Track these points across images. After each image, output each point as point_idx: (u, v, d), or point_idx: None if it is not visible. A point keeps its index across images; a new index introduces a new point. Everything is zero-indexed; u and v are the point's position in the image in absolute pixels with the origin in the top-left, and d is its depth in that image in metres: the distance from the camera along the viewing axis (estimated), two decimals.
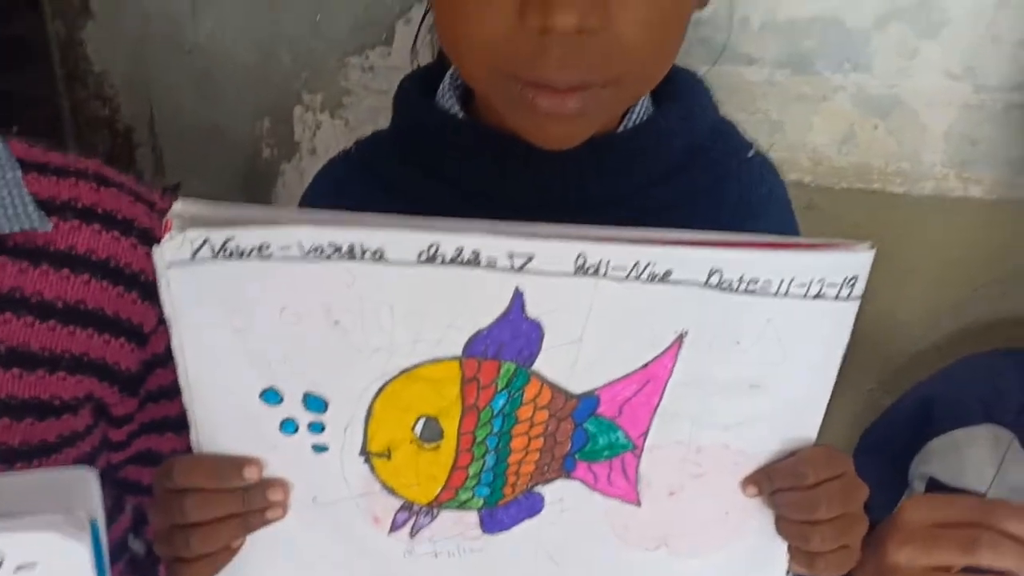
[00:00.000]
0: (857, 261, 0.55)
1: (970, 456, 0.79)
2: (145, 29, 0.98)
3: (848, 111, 0.97)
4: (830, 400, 1.02)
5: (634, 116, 0.70)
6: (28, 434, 0.69)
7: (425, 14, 0.80)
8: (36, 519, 0.52)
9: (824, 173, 0.99)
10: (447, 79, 0.72)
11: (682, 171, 0.71)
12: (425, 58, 0.86)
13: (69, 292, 0.70)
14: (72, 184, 0.71)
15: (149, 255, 0.72)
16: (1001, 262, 1.01)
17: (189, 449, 0.77)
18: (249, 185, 1.06)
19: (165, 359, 0.75)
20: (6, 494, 0.54)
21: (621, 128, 0.69)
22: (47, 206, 0.69)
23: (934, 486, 0.84)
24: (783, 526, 0.63)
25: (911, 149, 0.97)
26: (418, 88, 0.74)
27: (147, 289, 0.73)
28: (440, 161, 0.70)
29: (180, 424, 0.83)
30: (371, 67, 0.98)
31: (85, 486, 0.55)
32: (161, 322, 0.74)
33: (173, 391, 0.80)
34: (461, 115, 0.70)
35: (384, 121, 1.02)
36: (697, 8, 0.66)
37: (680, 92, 0.71)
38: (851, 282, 0.56)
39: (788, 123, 0.98)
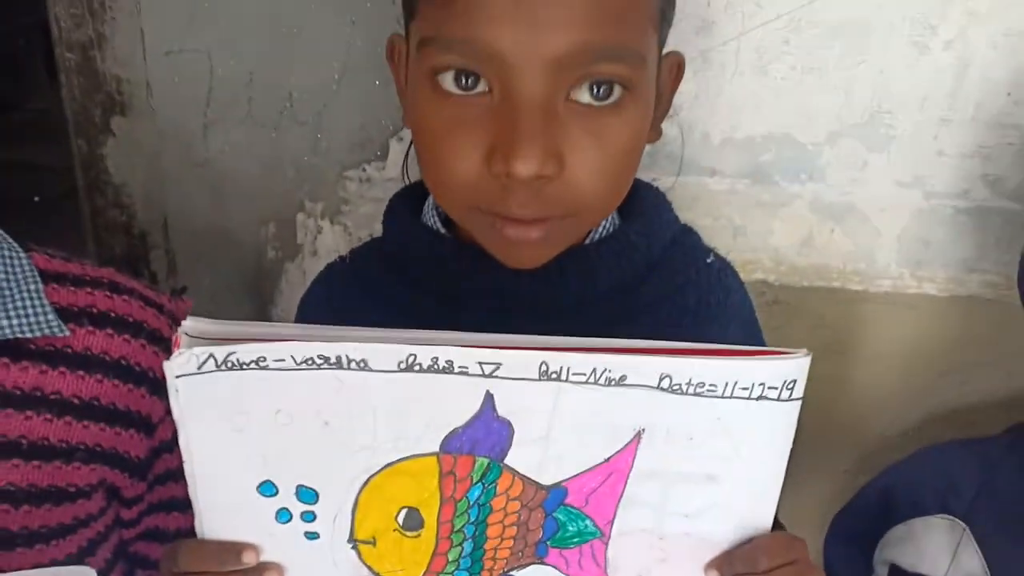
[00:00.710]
0: (795, 367, 0.59)
1: (927, 545, 0.82)
2: (161, 146, 1.03)
3: (806, 216, 1.00)
4: (809, 481, 1.05)
5: (600, 230, 0.74)
6: (47, 518, 0.74)
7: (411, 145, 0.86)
8: None
9: (786, 272, 1.02)
10: (430, 200, 0.77)
11: (645, 279, 0.74)
12: (414, 172, 0.92)
13: (84, 390, 0.75)
14: (88, 293, 0.77)
15: (157, 354, 0.78)
16: (958, 353, 1.04)
17: (193, 527, 0.80)
18: (255, 284, 1.10)
19: (171, 445, 0.80)
20: None
21: (588, 241, 0.73)
22: (65, 313, 0.74)
23: (895, 572, 0.86)
24: None
25: (866, 251, 1.00)
26: (406, 206, 0.78)
27: (154, 384, 0.78)
28: (425, 272, 0.74)
29: (185, 504, 0.86)
30: (367, 179, 1.03)
31: None
32: (167, 413, 0.77)
33: (178, 474, 0.84)
34: (443, 231, 0.75)
35: (379, 226, 1.07)
36: (650, 142, 0.71)
37: (643, 207, 0.75)
38: (790, 385, 0.59)
39: (750, 228, 1.01)
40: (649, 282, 0.74)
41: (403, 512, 0.62)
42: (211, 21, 0.98)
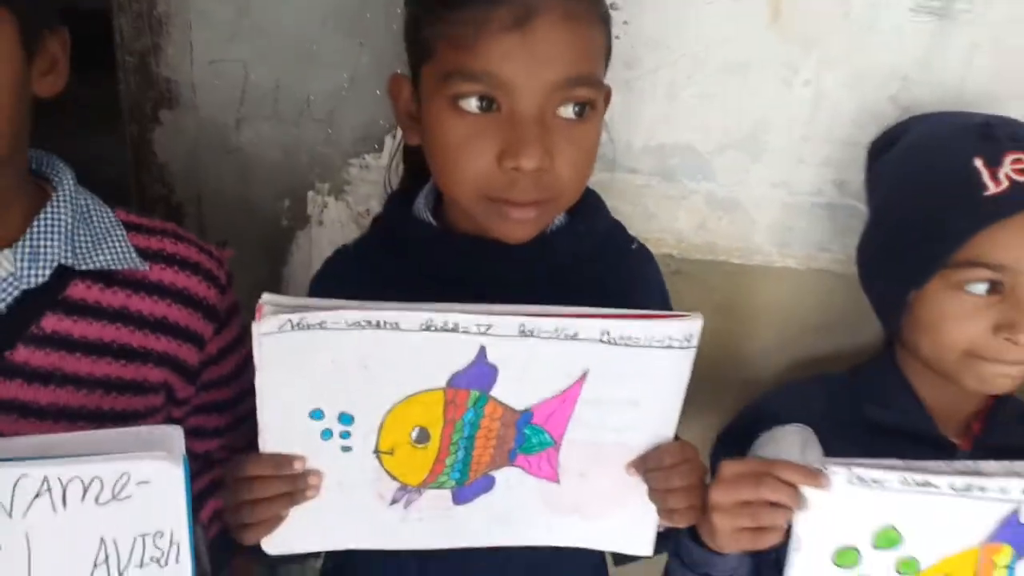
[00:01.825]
0: (692, 325, 0.69)
1: (782, 443, 0.84)
2: (200, 135, 1.05)
3: (701, 207, 1.05)
4: (704, 413, 1.11)
5: (554, 224, 0.81)
6: (127, 404, 0.80)
7: (397, 146, 0.89)
8: (150, 453, 0.63)
9: (686, 249, 1.07)
10: (421, 196, 0.82)
11: (588, 260, 0.82)
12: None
13: (157, 311, 0.81)
14: (158, 239, 0.83)
15: (209, 287, 0.84)
16: (815, 314, 1.09)
17: (227, 425, 0.82)
18: (271, 247, 1.12)
19: (215, 360, 0.87)
20: (125, 439, 0.65)
21: (547, 232, 0.80)
22: (143, 253, 0.81)
23: None
24: (651, 494, 0.75)
25: (746, 234, 1.06)
26: (401, 201, 0.84)
27: (207, 311, 0.84)
28: (418, 257, 0.80)
29: (223, 406, 0.90)
30: (366, 166, 1.06)
31: (177, 436, 0.65)
32: (215, 333, 0.85)
33: (220, 383, 0.89)
34: (433, 223, 0.81)
35: (375, 203, 1.10)
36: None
37: (585, 204, 0.83)
38: (689, 338, 0.69)
39: (660, 215, 1.06)
40: (592, 263, 0.82)
41: (416, 430, 0.70)
42: (248, 38, 1.01)
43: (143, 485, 0.63)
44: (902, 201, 0.86)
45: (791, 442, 0.82)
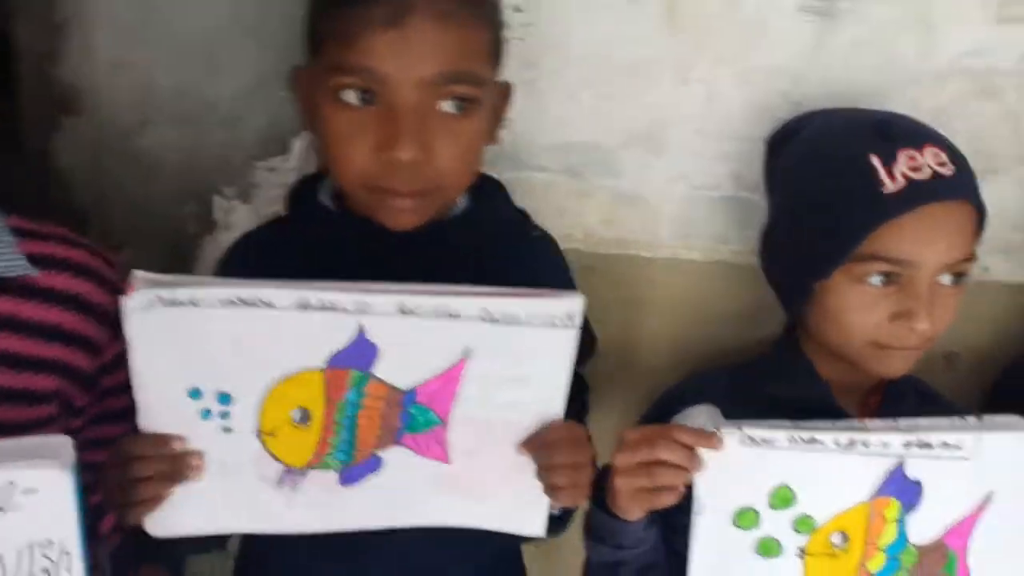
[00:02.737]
0: (573, 304, 0.71)
1: (690, 422, 0.86)
2: (102, 137, 1.06)
3: (608, 202, 1.08)
4: (614, 404, 1.14)
5: (455, 210, 0.85)
6: (18, 415, 0.80)
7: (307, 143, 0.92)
8: (37, 460, 0.64)
9: (594, 244, 1.10)
10: (324, 186, 0.85)
11: (487, 245, 0.84)
12: (310, 167, 0.98)
13: (49, 317, 0.81)
14: (51, 244, 0.83)
15: (104, 293, 0.84)
16: (718, 305, 1.12)
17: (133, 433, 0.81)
18: (177, 252, 1.12)
19: (112, 366, 0.86)
20: (12, 450, 0.65)
21: (447, 218, 0.84)
22: (35, 259, 0.81)
23: None
24: (538, 472, 0.76)
25: (651, 228, 1.09)
26: (304, 189, 0.87)
27: (101, 316, 0.84)
28: (318, 242, 0.82)
29: (123, 416, 0.87)
30: (272, 168, 1.07)
31: (66, 445, 0.66)
32: (111, 339, 0.84)
33: (119, 391, 0.87)
34: (333, 209, 0.84)
35: (279, 206, 1.11)
36: (491, 144, 0.83)
37: (486, 193, 0.87)
38: (571, 317, 0.71)
39: (568, 210, 1.08)
40: (493, 250, 0.84)
41: (297, 411, 0.72)
42: (151, 41, 1.02)
43: (30, 494, 0.64)
44: (803, 197, 0.90)
45: (697, 420, 0.86)
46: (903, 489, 0.74)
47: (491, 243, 0.85)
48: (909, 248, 0.81)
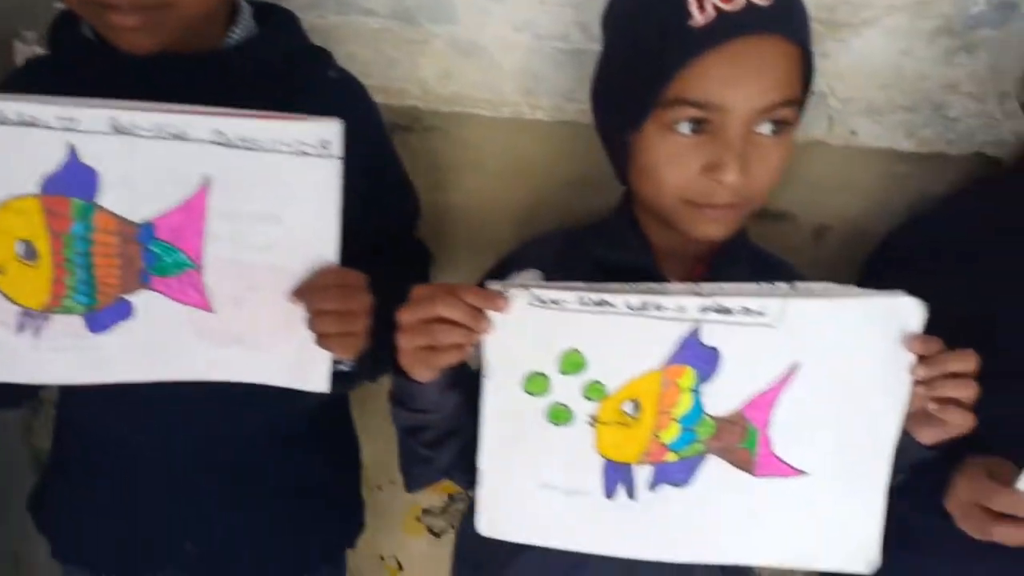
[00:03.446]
0: (325, 129, 0.66)
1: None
2: None
3: (445, 53, 1.03)
4: (465, 268, 1.10)
5: (236, 37, 0.79)
6: None
7: None
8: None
9: (432, 100, 1.05)
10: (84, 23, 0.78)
11: (272, 81, 0.79)
12: None
13: None
14: None
15: None
16: (565, 168, 1.07)
17: None
18: None
19: None
20: None
21: (224, 45, 0.78)
22: None
23: None
24: (308, 320, 0.73)
25: (493, 83, 1.03)
26: (66, 22, 0.81)
27: None
28: (85, 76, 0.77)
29: None
30: None
31: None
32: None
33: None
34: (94, 39, 0.78)
35: None
36: None
37: (274, 24, 0.81)
38: (326, 145, 0.66)
39: (401, 61, 1.03)
40: (276, 81, 0.79)
41: (20, 244, 0.67)
42: None
43: None
44: (618, 39, 0.84)
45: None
46: (699, 357, 0.70)
47: (278, 79, 0.80)
48: (716, 89, 0.75)
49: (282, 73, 0.81)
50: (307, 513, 1.01)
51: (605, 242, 0.90)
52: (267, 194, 0.68)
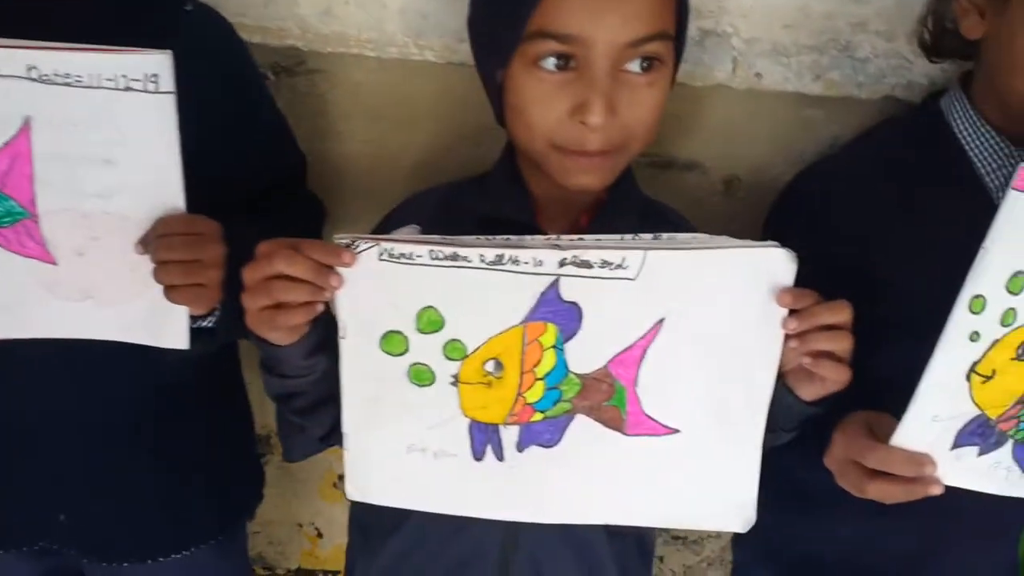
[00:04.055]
0: (152, 61, 0.61)
1: None
2: None
3: None
4: (360, 216, 1.03)
5: None
6: None
7: None
8: None
9: (313, 40, 1.00)
10: None
11: (114, 14, 0.74)
12: None
13: None
14: None
15: None
16: (461, 114, 1.02)
17: None
18: None
19: None
20: None
21: None
22: None
23: None
24: (154, 272, 0.69)
25: (376, 21, 0.99)
26: None
27: None
28: None
29: None
30: None
31: None
32: None
33: None
34: None
35: None
36: None
37: None
38: (154, 79, 0.61)
39: None
40: (121, 18, 0.75)
41: None
42: None
43: None
44: None
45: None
46: (559, 312, 0.67)
47: (121, 11, 0.75)
48: (577, 20, 0.71)
49: (133, 8, 0.76)
50: (192, 482, 0.98)
51: (486, 195, 0.87)
52: (96, 134, 0.64)
